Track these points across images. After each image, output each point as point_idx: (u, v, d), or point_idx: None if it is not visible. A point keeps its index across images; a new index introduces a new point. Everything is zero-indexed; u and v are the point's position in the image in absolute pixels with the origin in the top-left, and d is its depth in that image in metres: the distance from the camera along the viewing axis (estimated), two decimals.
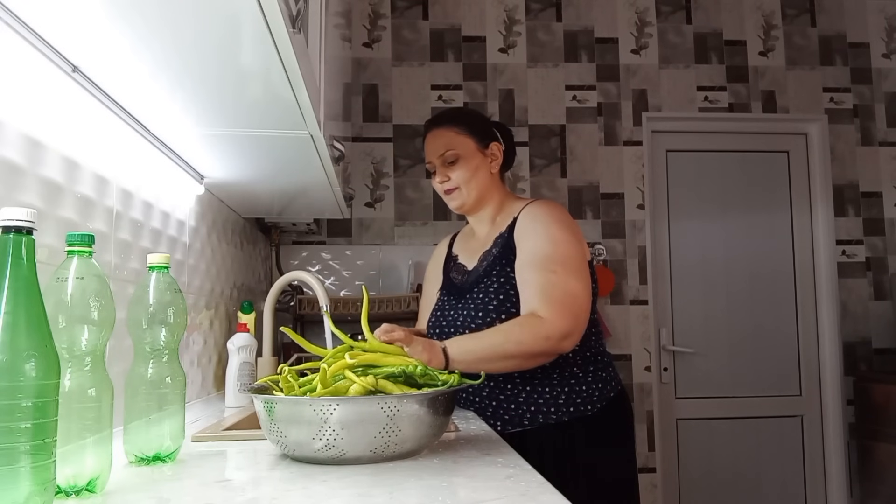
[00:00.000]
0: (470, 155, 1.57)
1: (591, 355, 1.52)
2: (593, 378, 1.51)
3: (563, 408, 1.47)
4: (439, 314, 1.59)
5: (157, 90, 1.13)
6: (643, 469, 2.99)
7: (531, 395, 1.48)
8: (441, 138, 1.58)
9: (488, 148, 1.59)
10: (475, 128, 1.59)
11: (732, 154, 3.30)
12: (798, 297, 3.26)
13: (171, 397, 0.91)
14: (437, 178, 1.59)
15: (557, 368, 1.48)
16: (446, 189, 1.59)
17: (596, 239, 3.11)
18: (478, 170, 1.57)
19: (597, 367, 1.53)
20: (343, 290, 2.99)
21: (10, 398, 0.57)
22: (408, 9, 3.16)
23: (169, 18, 0.87)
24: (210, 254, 1.89)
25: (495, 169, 1.60)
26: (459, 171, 1.56)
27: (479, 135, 1.59)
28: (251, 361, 1.69)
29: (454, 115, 1.67)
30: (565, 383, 1.49)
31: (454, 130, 1.58)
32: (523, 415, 1.48)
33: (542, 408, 1.47)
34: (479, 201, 1.60)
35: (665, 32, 3.26)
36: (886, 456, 2.85)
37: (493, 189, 1.60)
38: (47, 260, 0.95)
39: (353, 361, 0.97)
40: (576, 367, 1.50)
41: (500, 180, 1.63)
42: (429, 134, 1.62)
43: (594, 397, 1.49)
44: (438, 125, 1.61)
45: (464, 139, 1.57)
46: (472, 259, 1.61)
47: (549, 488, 0.75)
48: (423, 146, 1.64)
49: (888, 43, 3.35)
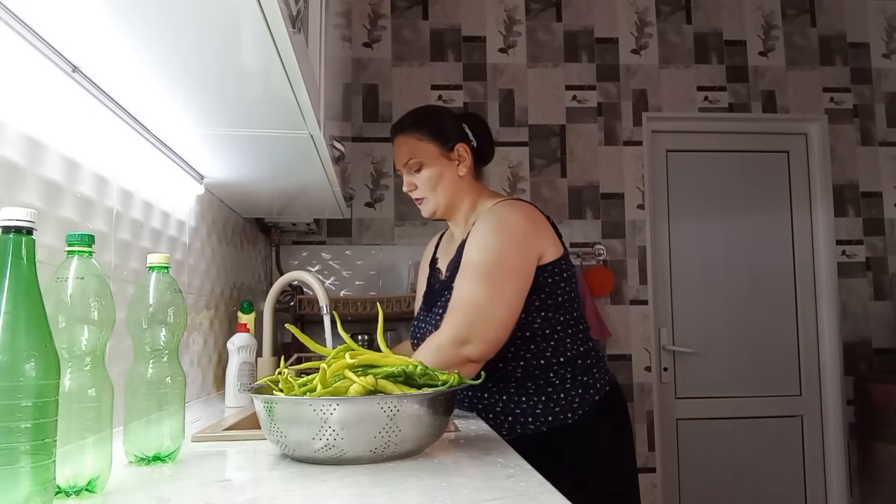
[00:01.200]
0: (433, 161, 1.52)
1: (566, 360, 1.46)
2: (572, 384, 1.44)
3: (542, 417, 1.42)
4: (416, 325, 1.59)
5: (157, 90, 1.13)
6: (643, 469, 2.99)
7: (507, 405, 1.44)
8: (404, 146, 1.54)
9: (453, 151, 1.53)
10: (437, 131, 1.53)
11: (732, 154, 3.30)
12: (798, 297, 3.26)
13: (171, 397, 0.91)
14: (405, 186, 1.56)
15: (530, 377, 1.44)
16: (415, 198, 1.56)
17: (596, 239, 3.11)
18: (442, 176, 1.52)
19: (576, 371, 1.46)
20: (343, 290, 2.99)
21: (10, 398, 0.57)
22: (408, 9, 3.16)
23: (169, 18, 0.87)
24: (210, 254, 1.89)
25: (463, 171, 1.53)
26: (424, 178, 1.52)
27: (441, 138, 1.53)
28: (251, 361, 1.69)
29: (414, 120, 1.58)
30: (541, 392, 1.44)
31: (416, 137, 1.53)
32: (501, 425, 1.44)
33: (520, 418, 1.43)
34: (450, 206, 1.55)
35: (665, 32, 3.26)
36: (886, 456, 2.85)
37: (462, 191, 1.55)
38: (47, 260, 0.95)
39: (354, 361, 0.97)
40: (551, 373, 1.44)
41: (472, 180, 1.56)
42: (394, 140, 1.58)
43: (574, 403, 1.43)
44: (400, 132, 1.56)
45: (426, 145, 1.52)
46: (445, 265, 1.58)
47: (549, 488, 0.75)
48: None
49: (888, 43, 3.35)
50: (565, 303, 1.46)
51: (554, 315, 1.45)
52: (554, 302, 1.45)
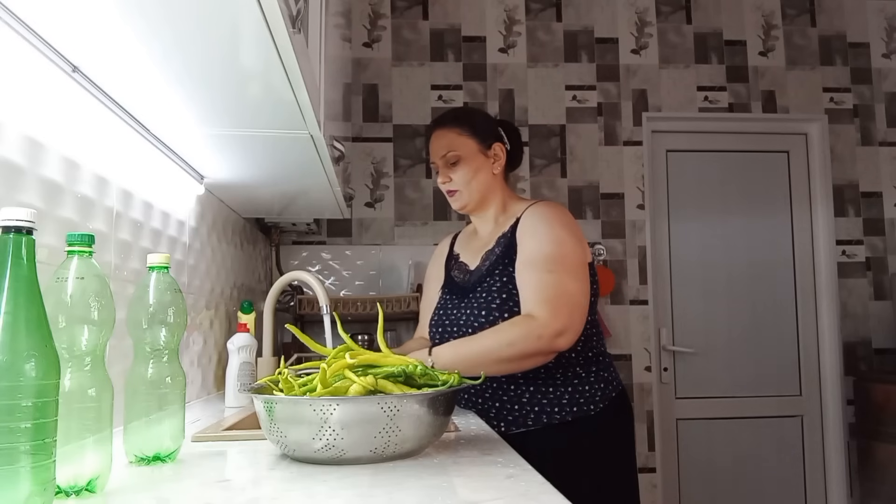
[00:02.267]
0: (471, 156, 1.57)
1: (593, 356, 1.53)
2: (596, 378, 1.52)
3: (567, 408, 1.48)
4: (442, 313, 1.60)
5: (157, 90, 1.13)
6: (643, 469, 2.99)
7: (535, 396, 1.48)
8: (443, 139, 1.59)
9: (490, 149, 1.60)
10: (478, 129, 1.60)
11: (732, 154, 3.30)
12: (798, 297, 3.26)
13: (171, 397, 0.91)
14: (440, 178, 1.60)
15: (560, 369, 1.49)
16: (448, 190, 1.60)
17: (596, 239, 3.11)
18: (479, 171, 1.58)
19: (599, 367, 1.53)
20: (343, 290, 2.99)
21: (10, 398, 0.57)
22: (408, 9, 3.16)
23: (169, 18, 0.87)
24: (210, 254, 1.89)
25: (497, 170, 1.60)
26: (461, 172, 1.57)
27: (481, 136, 1.59)
28: (251, 361, 1.69)
29: (457, 115, 1.66)
30: (568, 383, 1.49)
31: (456, 131, 1.59)
32: (527, 415, 1.48)
33: (546, 408, 1.48)
34: (482, 202, 1.61)
35: (665, 32, 3.26)
36: (886, 456, 2.85)
37: (495, 189, 1.61)
38: (47, 260, 0.95)
39: (354, 361, 0.97)
40: (578, 367, 1.51)
41: (503, 180, 1.64)
42: (432, 134, 1.63)
43: (597, 397, 1.50)
44: (441, 126, 1.61)
45: (465, 140, 1.58)
46: (474, 258, 1.62)
47: (549, 488, 0.75)
48: (428, 146, 1.64)
49: (888, 43, 3.35)
50: (594, 304, 1.53)
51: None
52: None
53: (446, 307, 1.60)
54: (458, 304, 1.56)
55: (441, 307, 1.61)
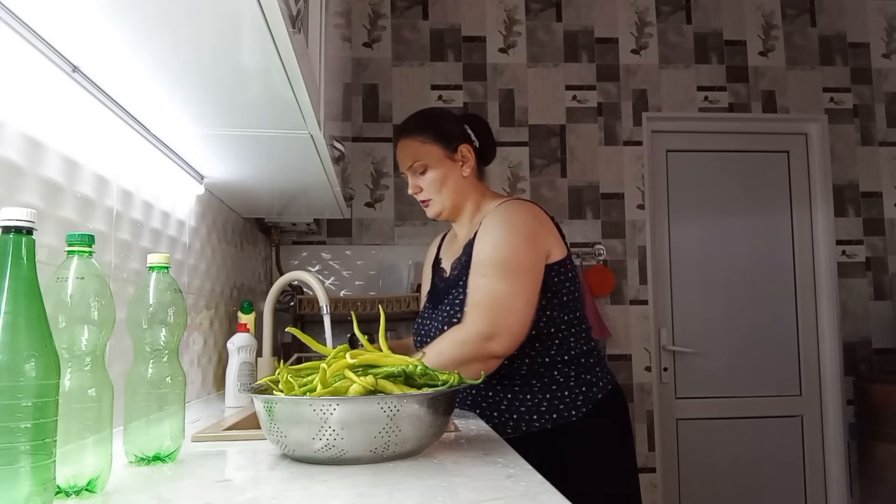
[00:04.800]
0: (438, 163, 1.53)
1: (570, 359, 1.47)
2: (576, 382, 1.46)
3: (546, 415, 1.44)
4: (420, 322, 1.59)
5: (157, 90, 1.13)
6: (643, 469, 2.99)
7: (512, 403, 1.46)
8: (408, 149, 1.56)
9: (457, 152, 1.55)
10: (441, 134, 1.55)
11: (732, 154, 3.30)
12: (798, 297, 3.26)
13: (171, 397, 0.91)
14: (410, 189, 1.58)
15: (535, 375, 1.45)
16: (420, 200, 1.58)
17: (596, 239, 3.11)
18: (447, 177, 1.54)
19: (580, 369, 1.48)
20: (343, 290, 2.99)
21: (10, 398, 0.57)
22: (408, 9, 3.16)
23: (169, 18, 0.87)
24: (210, 254, 1.89)
25: (467, 172, 1.55)
26: (429, 181, 1.54)
27: (445, 140, 1.54)
28: (251, 361, 1.69)
29: (419, 122, 1.59)
30: (546, 390, 1.45)
31: (419, 140, 1.54)
32: (506, 423, 1.45)
33: (525, 416, 1.44)
34: (455, 207, 1.57)
35: (665, 32, 3.26)
36: (886, 456, 2.85)
37: (467, 192, 1.57)
38: (47, 260, 0.95)
39: (354, 361, 0.97)
40: (555, 371, 1.46)
41: (476, 180, 1.59)
42: (398, 143, 1.59)
43: (577, 402, 1.45)
44: (405, 135, 1.58)
45: (430, 148, 1.54)
46: (449, 264, 1.60)
47: (548, 488, 0.75)
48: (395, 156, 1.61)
49: (888, 43, 3.35)
50: (569, 302, 1.48)
51: (559, 314, 1.46)
52: (559, 301, 1.46)
53: (423, 316, 1.59)
54: (432, 313, 1.55)
55: (420, 315, 1.61)
